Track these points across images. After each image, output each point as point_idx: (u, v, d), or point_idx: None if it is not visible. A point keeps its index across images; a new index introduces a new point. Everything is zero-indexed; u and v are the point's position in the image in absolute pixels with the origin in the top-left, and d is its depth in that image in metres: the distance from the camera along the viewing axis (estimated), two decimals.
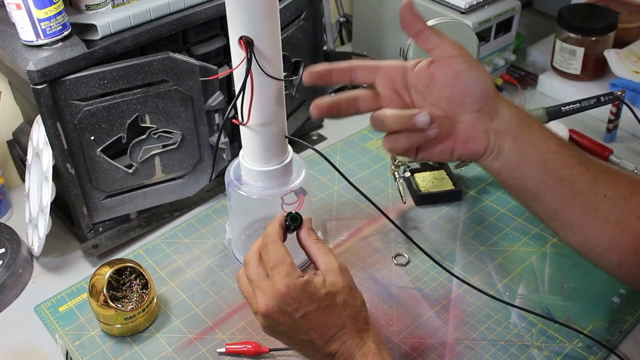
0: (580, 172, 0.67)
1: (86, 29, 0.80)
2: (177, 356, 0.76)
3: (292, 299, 0.60)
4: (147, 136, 0.86)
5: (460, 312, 0.80)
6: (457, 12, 1.09)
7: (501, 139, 0.66)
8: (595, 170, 0.67)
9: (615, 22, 1.13)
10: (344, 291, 0.63)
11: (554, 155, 0.67)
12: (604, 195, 0.67)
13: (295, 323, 0.61)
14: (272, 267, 0.62)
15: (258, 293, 0.63)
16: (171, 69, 0.83)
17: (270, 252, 0.63)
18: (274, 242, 0.64)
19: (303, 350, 0.65)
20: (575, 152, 0.68)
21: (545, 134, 0.67)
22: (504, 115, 0.66)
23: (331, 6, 1.31)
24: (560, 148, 0.67)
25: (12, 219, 0.97)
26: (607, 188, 0.67)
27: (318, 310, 0.61)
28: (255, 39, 0.67)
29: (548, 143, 0.67)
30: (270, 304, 0.61)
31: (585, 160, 0.68)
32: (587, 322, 0.77)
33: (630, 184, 0.67)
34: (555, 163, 0.67)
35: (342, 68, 0.67)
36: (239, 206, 0.84)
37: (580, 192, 0.67)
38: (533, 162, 0.67)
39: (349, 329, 0.62)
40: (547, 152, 0.67)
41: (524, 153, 0.67)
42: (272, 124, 0.74)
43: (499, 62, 1.17)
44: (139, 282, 0.79)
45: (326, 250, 0.66)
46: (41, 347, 0.78)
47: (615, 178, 0.68)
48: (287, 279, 0.61)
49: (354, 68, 0.67)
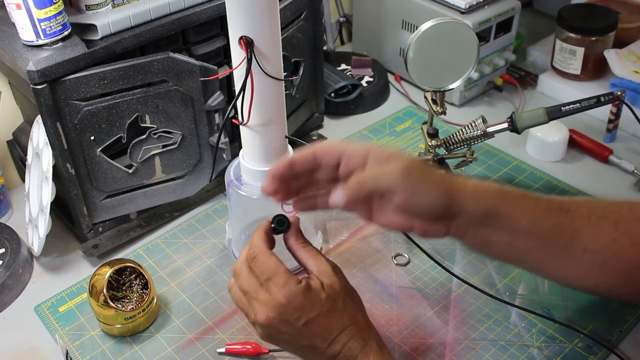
0: (555, 237, 0.65)
1: (86, 29, 0.80)
2: (177, 356, 0.76)
3: (293, 308, 0.59)
4: (147, 136, 0.86)
5: (460, 312, 0.80)
6: (457, 12, 1.09)
7: (462, 232, 0.63)
8: (574, 226, 0.65)
9: (615, 22, 1.13)
10: (342, 292, 0.62)
11: (524, 234, 0.64)
12: (583, 249, 0.65)
13: (298, 331, 0.60)
14: (267, 279, 0.60)
15: (256, 304, 0.61)
16: (171, 69, 0.83)
17: (260, 265, 0.61)
18: (262, 253, 0.62)
19: (304, 355, 0.64)
20: (553, 212, 0.65)
21: (517, 210, 0.64)
22: (468, 212, 0.62)
23: (331, 6, 1.31)
24: (534, 221, 0.64)
25: (12, 219, 0.97)
26: (587, 241, 0.65)
27: (320, 316, 0.60)
28: (255, 39, 0.67)
29: (519, 222, 0.64)
30: (272, 315, 0.60)
31: (563, 222, 0.65)
32: (587, 322, 0.77)
33: (613, 227, 0.66)
34: (525, 239, 0.65)
35: (304, 159, 0.63)
36: (239, 206, 0.84)
37: (556, 254, 0.66)
38: (501, 243, 0.65)
39: (350, 330, 0.62)
40: (516, 231, 0.64)
41: (488, 238, 0.64)
42: (272, 124, 0.74)
43: (499, 62, 1.17)
44: (139, 282, 0.79)
45: (315, 253, 0.64)
46: (41, 347, 0.78)
47: (597, 227, 0.66)
48: (286, 289, 0.59)
49: (316, 156, 0.63)
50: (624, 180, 1.00)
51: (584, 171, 1.02)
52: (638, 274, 0.68)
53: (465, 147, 0.93)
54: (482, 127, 0.90)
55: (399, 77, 1.25)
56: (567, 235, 0.65)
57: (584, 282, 0.69)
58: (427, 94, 0.91)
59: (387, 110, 1.18)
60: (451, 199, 0.61)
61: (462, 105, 1.18)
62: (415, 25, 1.15)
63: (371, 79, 1.21)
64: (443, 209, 0.61)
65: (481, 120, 0.91)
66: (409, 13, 1.16)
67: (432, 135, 0.93)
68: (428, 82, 0.87)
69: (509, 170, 1.02)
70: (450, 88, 0.88)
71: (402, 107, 1.19)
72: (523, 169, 1.02)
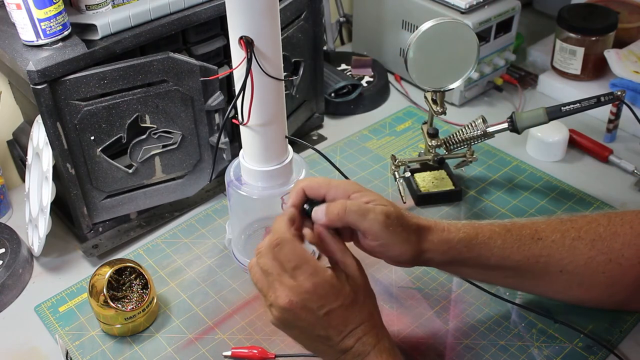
0: (527, 267, 0.68)
1: (86, 29, 0.80)
2: (177, 356, 0.76)
3: (318, 296, 0.59)
4: (147, 136, 0.86)
5: (460, 312, 0.80)
6: (457, 12, 1.09)
7: (432, 265, 0.69)
8: (546, 253, 0.68)
9: (615, 22, 1.13)
10: (363, 288, 0.63)
11: (494, 269, 0.69)
12: (559, 271, 0.68)
13: (317, 319, 0.60)
14: (295, 267, 0.60)
15: (279, 287, 0.60)
16: (171, 69, 0.83)
17: (287, 252, 0.60)
18: (288, 242, 0.61)
19: (314, 345, 0.64)
20: (524, 244, 0.68)
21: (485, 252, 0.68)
22: (435, 260, 0.68)
23: (331, 6, 1.31)
24: (503, 258, 0.68)
25: (12, 219, 0.97)
26: (562, 264, 0.68)
27: (342, 307, 0.61)
28: (255, 38, 0.67)
29: (488, 262, 0.68)
30: (295, 300, 0.59)
31: (534, 252, 0.68)
32: (587, 322, 0.77)
33: (589, 245, 0.68)
34: (495, 272, 0.69)
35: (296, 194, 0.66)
36: (239, 206, 0.84)
37: (530, 278, 0.69)
38: (471, 275, 0.72)
39: (366, 326, 0.62)
40: (485, 268, 0.68)
41: (458, 271, 0.71)
42: (272, 123, 0.74)
43: (499, 62, 1.17)
44: (139, 282, 0.79)
45: (343, 246, 0.65)
46: (41, 347, 0.78)
47: (572, 248, 0.68)
48: (315, 277, 0.59)
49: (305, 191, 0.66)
50: (624, 180, 1.00)
51: (584, 171, 1.02)
52: (618, 288, 0.69)
53: (465, 147, 0.93)
54: (482, 127, 0.90)
55: (399, 77, 1.25)
56: (540, 263, 0.69)
57: (565, 297, 0.73)
58: (427, 94, 0.92)
59: (387, 110, 1.18)
60: (419, 253, 0.66)
61: (462, 105, 1.18)
62: (416, 25, 1.15)
63: (371, 79, 1.21)
64: (411, 260, 0.67)
65: (481, 120, 0.91)
66: (409, 13, 1.16)
67: (432, 135, 0.93)
68: (428, 82, 0.87)
69: (509, 171, 1.02)
70: (450, 88, 0.88)
71: (402, 107, 1.19)
72: (523, 169, 1.02)
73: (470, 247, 0.67)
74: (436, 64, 0.86)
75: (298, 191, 0.65)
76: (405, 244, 0.65)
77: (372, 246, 0.65)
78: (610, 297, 0.70)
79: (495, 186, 0.99)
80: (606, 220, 0.70)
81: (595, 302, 0.73)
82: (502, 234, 0.68)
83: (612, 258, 0.68)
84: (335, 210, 0.63)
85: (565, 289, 0.70)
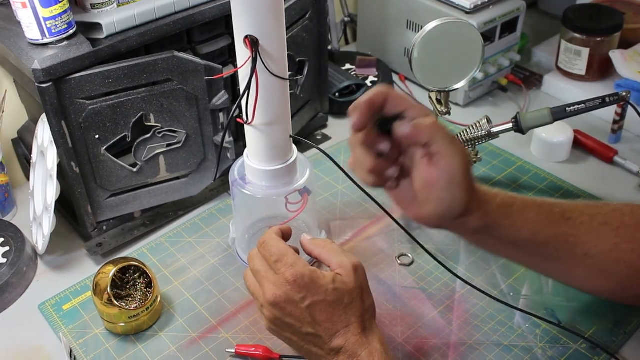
0: (556, 244, 0.67)
1: (91, 27, 0.80)
2: (181, 355, 0.76)
3: (299, 286, 0.61)
4: (151, 135, 0.86)
5: (464, 313, 0.79)
6: (462, 12, 1.08)
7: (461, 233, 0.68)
8: (575, 234, 0.67)
9: (621, 23, 1.13)
10: (354, 292, 0.63)
11: (524, 242, 0.67)
12: (584, 254, 0.67)
13: (302, 313, 0.61)
14: (276, 260, 0.63)
15: (265, 283, 0.63)
16: (176, 68, 0.83)
17: (270, 248, 0.64)
18: (271, 238, 0.65)
19: (307, 347, 0.64)
20: (554, 221, 0.67)
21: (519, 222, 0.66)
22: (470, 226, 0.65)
23: (336, 6, 1.31)
24: (535, 231, 0.66)
25: (16, 217, 0.97)
26: (588, 247, 0.67)
27: (324, 302, 0.61)
28: (260, 38, 0.67)
29: (519, 233, 0.66)
30: (278, 293, 0.61)
31: (564, 230, 0.67)
32: (591, 323, 0.77)
33: (615, 232, 0.67)
34: (524, 246, 0.67)
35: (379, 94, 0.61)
36: (243, 205, 0.85)
37: (556, 259, 0.68)
38: (499, 248, 0.69)
39: (354, 327, 0.62)
40: (516, 240, 0.67)
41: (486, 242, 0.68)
42: (276, 123, 0.74)
43: (503, 63, 1.17)
44: (143, 281, 0.79)
45: (337, 251, 0.66)
46: (45, 345, 0.78)
47: (598, 232, 0.67)
48: (294, 268, 0.62)
49: (388, 97, 0.61)
50: (629, 181, 1.00)
51: (588, 172, 1.02)
52: (637, 280, 0.68)
53: (469, 147, 0.93)
54: (487, 127, 0.90)
55: (403, 77, 1.25)
56: (568, 242, 0.67)
57: (583, 284, 0.71)
58: (432, 94, 0.91)
59: None
60: (464, 210, 0.63)
61: (467, 105, 1.18)
62: (420, 25, 1.15)
63: (376, 79, 1.21)
64: (453, 215, 0.63)
65: (486, 121, 0.91)
66: (414, 13, 1.15)
67: None
68: (433, 82, 0.87)
69: (513, 171, 1.02)
70: (454, 88, 0.88)
71: None
72: (527, 170, 1.02)
73: (507, 215, 0.65)
74: (441, 64, 0.86)
75: (380, 92, 0.61)
76: (465, 192, 0.61)
77: (434, 179, 0.60)
78: (627, 289, 0.69)
79: (499, 186, 0.98)
80: (630, 209, 0.70)
81: (611, 292, 0.71)
82: (534, 207, 0.67)
83: (635, 248, 0.67)
84: (429, 120, 0.60)
85: (587, 275, 0.69)
